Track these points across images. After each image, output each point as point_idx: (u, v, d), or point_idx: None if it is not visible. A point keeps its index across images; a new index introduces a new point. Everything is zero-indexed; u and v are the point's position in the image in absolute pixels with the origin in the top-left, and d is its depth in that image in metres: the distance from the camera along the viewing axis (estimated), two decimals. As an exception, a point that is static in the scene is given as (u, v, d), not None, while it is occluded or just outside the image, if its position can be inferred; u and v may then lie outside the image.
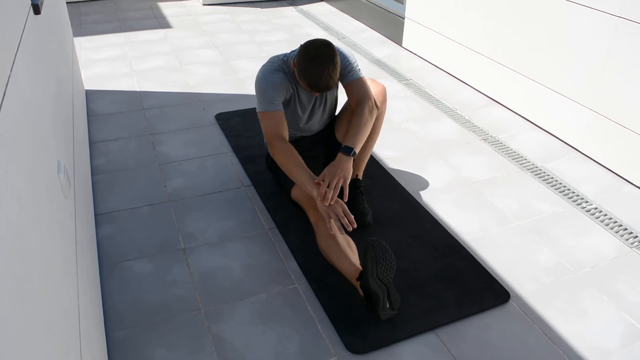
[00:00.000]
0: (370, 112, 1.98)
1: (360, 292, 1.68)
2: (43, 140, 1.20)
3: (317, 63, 1.81)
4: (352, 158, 1.87)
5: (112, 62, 3.68)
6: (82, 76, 3.44)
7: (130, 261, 1.91)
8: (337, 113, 2.31)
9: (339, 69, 1.87)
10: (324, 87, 1.85)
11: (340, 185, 1.79)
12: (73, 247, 1.33)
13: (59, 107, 1.62)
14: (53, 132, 1.39)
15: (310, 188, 1.81)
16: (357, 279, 1.66)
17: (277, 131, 1.92)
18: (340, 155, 1.87)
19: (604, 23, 2.41)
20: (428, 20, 3.72)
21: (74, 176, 1.71)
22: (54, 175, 1.31)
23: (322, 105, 2.15)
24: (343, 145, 1.89)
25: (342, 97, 2.35)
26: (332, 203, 1.75)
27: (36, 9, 1.47)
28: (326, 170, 1.83)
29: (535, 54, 2.85)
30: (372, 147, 2.17)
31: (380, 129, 2.17)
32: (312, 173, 1.85)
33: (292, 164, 1.86)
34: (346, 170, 1.82)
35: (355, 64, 2.04)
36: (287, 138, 1.94)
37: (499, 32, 3.08)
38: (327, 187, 1.77)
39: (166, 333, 1.62)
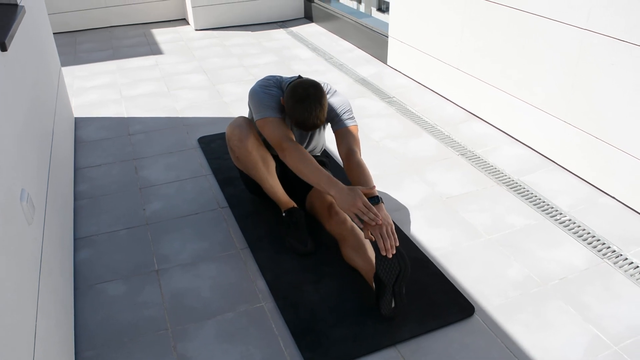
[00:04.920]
0: (362, 161, 1.99)
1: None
2: (1, 170, 1.26)
3: (305, 104, 1.87)
4: (382, 204, 1.84)
5: (103, 90, 3.80)
6: (73, 104, 3.54)
7: (104, 283, 1.96)
8: (321, 151, 2.41)
9: (326, 109, 1.94)
10: (311, 127, 1.92)
11: (390, 232, 1.75)
12: (34, 271, 1.39)
13: (28, 137, 1.69)
14: (17, 162, 1.46)
15: (328, 187, 1.81)
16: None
17: (285, 133, 1.94)
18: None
19: (572, 35, 2.46)
20: (410, 38, 3.79)
21: (46, 202, 1.78)
22: (16, 202, 1.38)
23: (310, 134, 2.22)
24: (369, 199, 1.84)
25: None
26: (393, 253, 1.72)
27: (2, 47, 1.55)
28: (371, 228, 1.78)
29: (511, 68, 2.90)
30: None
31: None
32: (328, 173, 1.88)
33: (308, 167, 1.86)
34: (385, 216, 1.79)
35: (345, 113, 2.07)
36: (294, 139, 1.96)
37: (475, 47, 3.14)
38: (382, 239, 1.73)
39: (133, 352, 1.66)
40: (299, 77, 2.06)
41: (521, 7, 2.72)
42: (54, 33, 5.17)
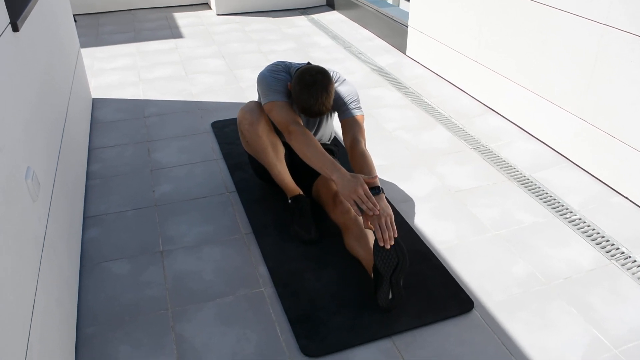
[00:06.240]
0: (366, 151, 1.98)
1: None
2: (3, 148, 1.29)
3: (312, 90, 1.87)
4: (383, 195, 1.84)
5: (122, 72, 3.84)
6: (92, 85, 3.60)
7: (110, 262, 2.00)
8: (330, 140, 2.40)
9: (332, 97, 1.94)
10: (317, 113, 1.92)
11: (390, 223, 1.74)
12: (37, 247, 1.43)
13: (38, 118, 1.73)
14: (24, 141, 1.50)
15: (330, 172, 1.82)
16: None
17: (291, 117, 1.95)
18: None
19: (591, 31, 2.39)
20: (429, 29, 3.74)
21: (55, 181, 1.82)
22: (21, 180, 1.41)
23: (317, 122, 2.22)
24: (370, 188, 1.83)
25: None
26: (392, 244, 1.70)
27: (15, 27, 1.58)
28: (370, 218, 1.79)
29: (529, 62, 2.84)
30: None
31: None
32: (332, 158, 1.87)
33: (312, 151, 1.87)
34: (385, 207, 1.78)
35: (352, 102, 2.06)
36: (302, 123, 1.98)
37: (493, 40, 3.08)
38: (380, 230, 1.73)
39: (132, 331, 1.70)
40: (308, 63, 2.05)
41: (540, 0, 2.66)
42: (77, 14, 5.25)
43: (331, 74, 2.06)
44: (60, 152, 1.99)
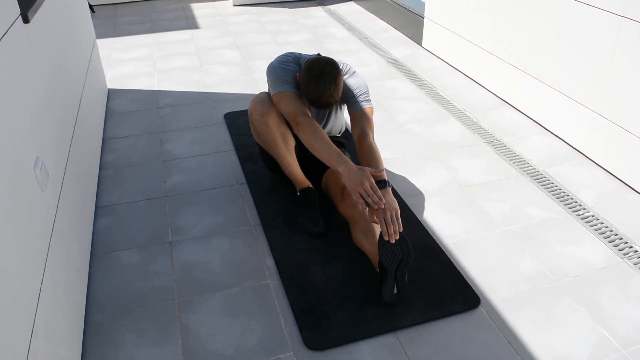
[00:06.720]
0: (374, 144, 1.98)
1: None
2: (11, 139, 1.32)
3: (320, 81, 1.87)
4: (390, 189, 1.82)
5: (138, 62, 3.88)
6: (108, 76, 3.64)
7: (119, 251, 2.04)
8: (340, 132, 2.39)
9: (341, 88, 1.93)
10: (325, 105, 1.92)
11: (395, 217, 1.73)
12: (45, 236, 1.46)
13: (48, 108, 1.75)
14: (34, 132, 1.52)
15: (337, 164, 1.82)
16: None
17: (300, 108, 1.96)
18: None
19: (608, 23, 2.33)
20: (445, 20, 3.69)
21: (65, 171, 1.85)
22: (29, 170, 1.44)
23: (327, 114, 2.22)
24: (376, 182, 1.82)
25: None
26: (396, 238, 1.69)
27: (25, 18, 1.61)
28: (376, 212, 1.78)
29: (544, 54, 2.78)
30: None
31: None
32: (339, 150, 1.88)
33: (320, 142, 1.88)
34: (391, 201, 1.77)
35: (361, 95, 2.05)
36: (310, 114, 1.98)
37: (508, 32, 3.02)
38: (385, 224, 1.72)
39: (139, 320, 1.73)
40: (318, 54, 2.05)
41: (560, -10, 2.59)
42: (96, 5, 5.30)
43: (341, 66, 2.05)
44: (72, 143, 2.02)
